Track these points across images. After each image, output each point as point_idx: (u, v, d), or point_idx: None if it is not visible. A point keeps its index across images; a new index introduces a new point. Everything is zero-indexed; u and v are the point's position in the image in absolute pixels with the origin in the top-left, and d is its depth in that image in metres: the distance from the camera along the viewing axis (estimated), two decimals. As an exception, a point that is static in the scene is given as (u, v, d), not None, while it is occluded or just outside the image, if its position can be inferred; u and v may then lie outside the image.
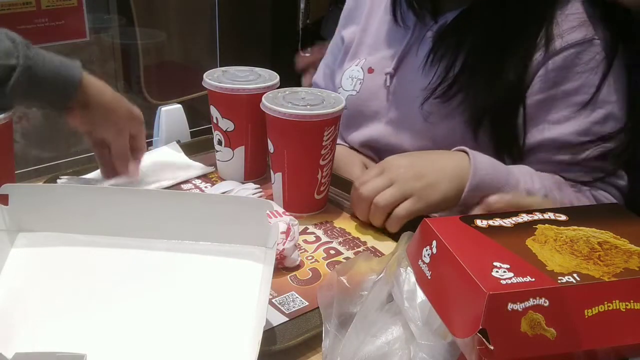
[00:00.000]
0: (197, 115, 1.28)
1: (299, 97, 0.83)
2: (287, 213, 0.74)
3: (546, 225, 0.52)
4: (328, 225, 0.83)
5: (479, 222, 0.52)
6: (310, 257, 0.75)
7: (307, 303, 0.67)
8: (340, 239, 0.80)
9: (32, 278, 0.61)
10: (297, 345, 0.61)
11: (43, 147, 1.68)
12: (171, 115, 1.06)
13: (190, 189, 0.91)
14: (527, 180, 0.82)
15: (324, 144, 0.81)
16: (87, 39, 1.49)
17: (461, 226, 0.52)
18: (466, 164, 0.80)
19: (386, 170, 0.81)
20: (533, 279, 0.44)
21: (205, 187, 0.91)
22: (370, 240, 0.80)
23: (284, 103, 0.81)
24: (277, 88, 0.88)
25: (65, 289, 0.60)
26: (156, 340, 0.56)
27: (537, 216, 0.54)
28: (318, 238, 0.80)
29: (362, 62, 1.01)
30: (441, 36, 0.90)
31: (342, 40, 1.08)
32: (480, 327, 0.42)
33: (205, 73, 0.90)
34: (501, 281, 0.43)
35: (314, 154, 0.81)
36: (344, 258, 0.76)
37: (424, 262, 0.50)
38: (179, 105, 1.08)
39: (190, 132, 1.10)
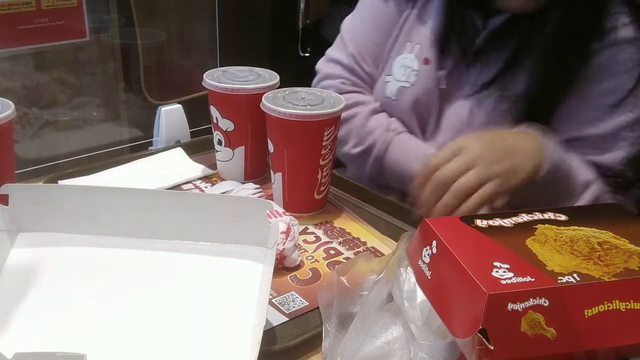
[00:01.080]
0: (197, 115, 1.28)
1: (299, 97, 0.83)
2: (287, 213, 0.74)
3: (546, 225, 0.52)
4: (328, 225, 0.83)
5: (479, 222, 0.52)
6: (310, 257, 0.75)
7: (307, 303, 0.67)
8: (340, 239, 0.80)
9: (32, 278, 0.61)
10: (297, 345, 0.61)
11: (43, 147, 1.68)
12: (171, 115, 1.06)
13: (190, 189, 0.91)
14: (583, 169, 0.81)
15: (324, 144, 0.81)
16: (87, 39, 1.48)
17: (461, 226, 0.52)
18: (539, 144, 0.77)
19: (464, 151, 0.74)
20: (533, 279, 0.44)
21: (205, 187, 0.91)
22: (370, 240, 0.80)
23: (284, 103, 0.81)
24: (277, 88, 0.88)
25: (65, 289, 0.60)
26: (156, 340, 0.56)
27: (537, 216, 0.53)
28: (318, 238, 0.80)
29: (415, 49, 0.95)
30: (497, 38, 0.89)
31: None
32: (480, 327, 0.42)
33: (205, 73, 0.90)
34: (501, 281, 0.43)
35: (314, 154, 0.81)
36: (344, 258, 0.76)
37: (424, 262, 0.50)
38: (179, 105, 1.08)
39: (190, 132, 1.10)
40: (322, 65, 1.06)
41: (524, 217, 0.53)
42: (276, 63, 1.08)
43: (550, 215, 0.54)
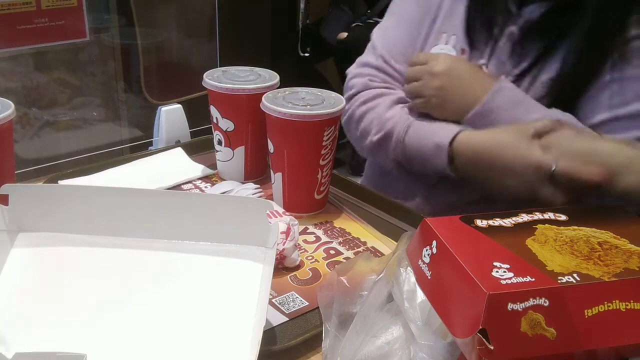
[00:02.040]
0: (197, 115, 1.28)
1: (299, 97, 0.83)
2: (287, 213, 0.74)
3: (546, 225, 0.52)
4: (328, 225, 0.83)
5: (479, 222, 0.52)
6: (310, 257, 0.75)
7: (307, 303, 0.67)
8: (340, 239, 0.80)
9: (32, 278, 0.61)
10: (297, 345, 0.61)
11: (43, 147, 1.68)
12: (171, 115, 1.06)
13: (190, 189, 0.91)
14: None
15: (324, 144, 0.81)
16: (87, 39, 1.49)
17: (461, 226, 0.52)
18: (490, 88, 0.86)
19: (428, 65, 0.90)
20: (533, 279, 0.44)
21: (205, 187, 0.91)
22: (370, 240, 0.80)
23: (284, 103, 0.81)
24: (277, 88, 0.88)
25: (65, 289, 0.60)
26: (156, 340, 0.56)
27: (537, 216, 0.54)
28: (318, 238, 0.80)
29: (451, 39, 0.95)
30: (534, 27, 0.89)
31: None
32: (480, 327, 0.42)
33: (205, 73, 0.90)
34: (501, 281, 0.43)
35: (314, 154, 0.81)
36: (344, 258, 0.76)
37: (424, 262, 0.50)
38: (179, 105, 1.08)
39: (190, 132, 1.10)
40: (351, 69, 1.06)
41: (524, 217, 0.53)
42: (276, 63, 1.08)
43: (550, 215, 0.54)
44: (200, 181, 0.93)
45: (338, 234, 0.81)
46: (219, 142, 0.91)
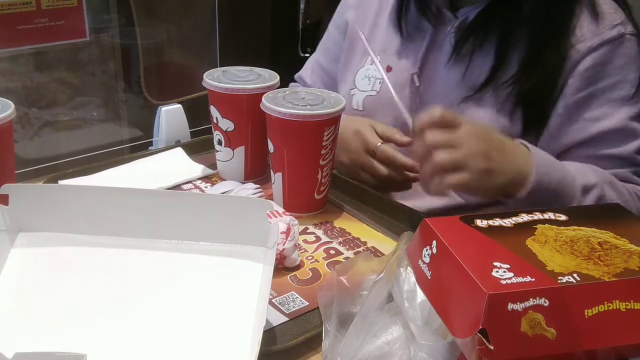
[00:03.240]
0: (197, 115, 1.28)
1: (299, 97, 0.83)
2: (287, 213, 0.74)
3: (546, 225, 0.52)
4: (328, 225, 0.83)
5: (479, 222, 0.52)
6: (310, 257, 0.75)
7: (307, 303, 0.67)
8: (340, 239, 0.80)
9: (32, 278, 0.61)
10: (297, 345, 0.61)
11: (43, 147, 1.68)
12: (171, 115, 1.06)
13: (190, 189, 0.91)
14: (582, 176, 0.81)
15: (324, 144, 0.81)
16: (87, 39, 1.48)
17: (461, 226, 0.52)
18: (528, 160, 0.76)
19: (459, 131, 0.72)
20: (533, 279, 0.44)
21: (205, 187, 0.91)
22: (370, 240, 0.80)
23: (284, 103, 0.81)
24: (277, 88, 0.88)
25: (66, 289, 0.60)
26: (156, 340, 0.56)
27: (537, 216, 0.53)
28: (318, 238, 0.80)
29: (377, 60, 0.97)
30: (467, 31, 0.90)
31: (345, 27, 1.06)
32: (480, 327, 0.42)
33: (205, 73, 0.90)
34: (501, 281, 0.43)
35: (314, 154, 0.81)
36: (344, 258, 0.76)
37: (424, 262, 0.50)
38: (179, 105, 1.08)
39: (190, 132, 1.10)
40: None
41: (524, 217, 0.53)
42: (276, 63, 1.08)
43: (550, 215, 0.54)
44: (200, 181, 0.93)
45: (338, 234, 0.81)
46: (219, 142, 0.91)
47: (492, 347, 0.41)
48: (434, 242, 0.49)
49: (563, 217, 0.53)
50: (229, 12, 2.04)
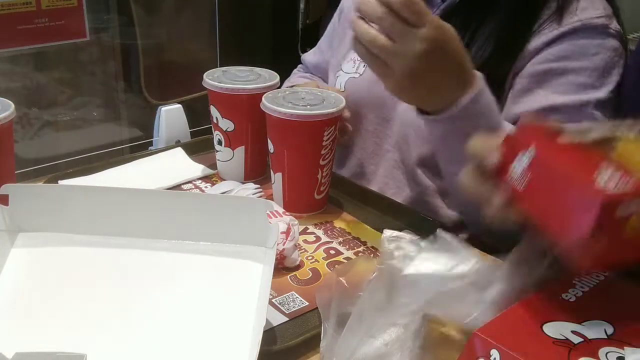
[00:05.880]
0: (197, 115, 1.28)
1: (299, 97, 0.83)
2: (287, 213, 0.75)
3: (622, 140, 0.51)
4: (328, 225, 0.83)
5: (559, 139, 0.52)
6: (310, 257, 0.75)
7: (307, 303, 0.67)
8: (340, 239, 0.80)
9: (32, 278, 0.61)
10: (296, 345, 0.61)
11: (43, 147, 1.68)
12: (171, 115, 1.06)
13: (190, 189, 0.91)
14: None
15: (324, 144, 0.81)
16: (87, 39, 1.49)
17: (552, 135, 0.51)
18: (475, 77, 0.73)
19: (420, 30, 0.66)
20: (636, 184, 0.44)
21: (205, 187, 0.91)
22: (370, 240, 0.80)
23: (284, 103, 0.81)
24: (277, 88, 0.88)
25: (65, 289, 0.60)
26: (156, 340, 0.56)
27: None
28: (318, 238, 0.80)
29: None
30: (451, 13, 0.89)
31: (341, 13, 1.08)
32: (590, 229, 0.42)
33: (205, 73, 0.90)
34: (609, 184, 0.43)
35: (314, 154, 0.81)
36: (344, 258, 0.76)
37: (516, 172, 0.50)
38: (179, 105, 1.08)
39: (190, 132, 1.10)
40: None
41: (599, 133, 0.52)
42: (276, 63, 1.08)
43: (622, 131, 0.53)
44: (200, 181, 0.93)
45: (338, 234, 0.81)
46: (219, 142, 0.91)
47: (599, 248, 0.42)
48: (533, 145, 0.50)
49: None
50: (229, 12, 2.05)
